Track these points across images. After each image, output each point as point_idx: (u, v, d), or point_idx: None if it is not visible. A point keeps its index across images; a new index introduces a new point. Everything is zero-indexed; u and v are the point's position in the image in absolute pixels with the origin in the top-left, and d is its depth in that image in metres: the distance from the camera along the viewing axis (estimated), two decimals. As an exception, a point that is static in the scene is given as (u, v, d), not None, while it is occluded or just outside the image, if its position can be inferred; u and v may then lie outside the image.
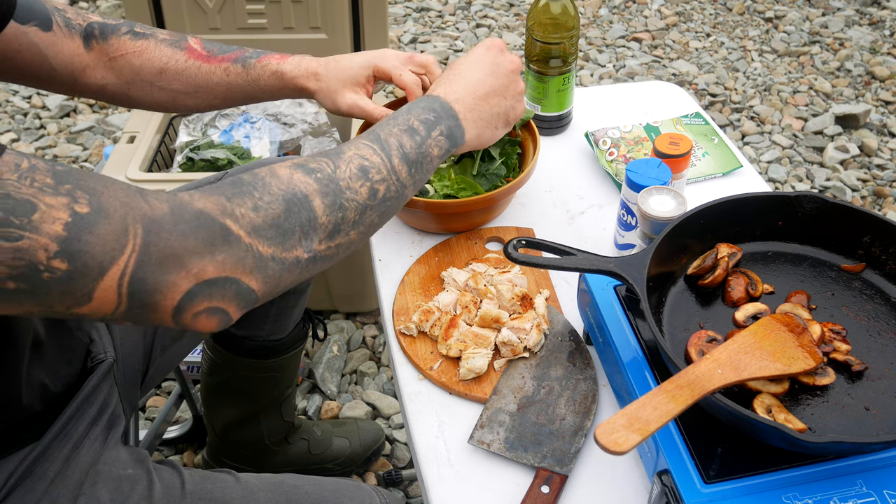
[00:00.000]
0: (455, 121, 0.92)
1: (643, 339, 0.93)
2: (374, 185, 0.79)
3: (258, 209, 0.70)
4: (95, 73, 1.08)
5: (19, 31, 0.98)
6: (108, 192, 0.64)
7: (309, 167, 0.75)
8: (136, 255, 0.63)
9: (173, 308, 0.66)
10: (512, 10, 3.54)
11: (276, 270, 0.71)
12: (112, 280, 0.62)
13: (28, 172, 0.60)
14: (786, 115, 2.89)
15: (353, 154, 0.79)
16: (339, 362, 2.00)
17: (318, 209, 0.73)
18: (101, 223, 0.62)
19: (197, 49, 1.10)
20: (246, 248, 0.68)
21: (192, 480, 0.97)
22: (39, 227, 0.59)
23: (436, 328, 1.07)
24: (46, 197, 0.60)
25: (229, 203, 0.69)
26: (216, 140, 2.01)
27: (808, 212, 0.99)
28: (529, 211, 1.31)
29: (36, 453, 0.90)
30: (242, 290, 0.69)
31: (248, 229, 0.69)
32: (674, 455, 0.80)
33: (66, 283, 0.61)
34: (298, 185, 0.73)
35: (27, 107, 2.93)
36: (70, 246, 0.60)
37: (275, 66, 1.09)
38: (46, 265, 0.60)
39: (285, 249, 0.71)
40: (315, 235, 0.73)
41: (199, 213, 0.67)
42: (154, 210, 0.65)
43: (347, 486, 1.00)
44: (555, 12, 1.33)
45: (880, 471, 0.79)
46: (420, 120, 0.88)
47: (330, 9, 2.13)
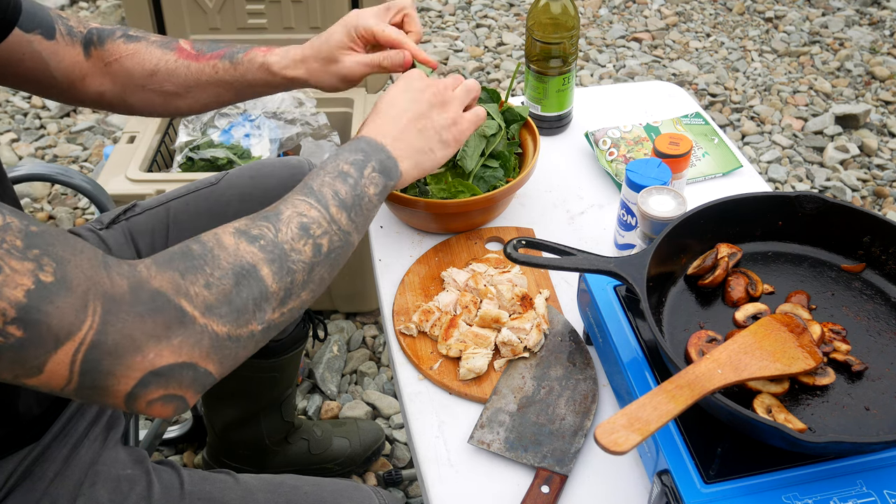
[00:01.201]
0: (384, 153, 0.90)
1: (643, 339, 0.93)
2: (317, 241, 0.78)
3: (210, 286, 0.69)
4: (93, 80, 1.08)
5: (23, 39, 0.98)
6: (74, 261, 0.63)
7: (252, 234, 0.74)
8: (94, 332, 0.62)
9: (126, 394, 0.64)
10: (512, 10, 3.54)
11: (231, 349, 0.70)
12: (66, 355, 0.61)
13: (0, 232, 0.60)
14: (786, 115, 2.89)
15: (291, 213, 0.78)
16: (339, 362, 2.00)
17: (267, 278, 0.72)
18: (63, 295, 0.61)
19: (186, 49, 1.09)
20: (201, 329, 0.67)
21: (192, 481, 0.97)
22: (1, 291, 0.58)
23: (436, 328, 1.07)
24: (13, 260, 0.59)
25: (183, 281, 0.68)
26: (216, 140, 2.01)
27: (808, 212, 0.99)
28: (529, 211, 1.31)
29: (35, 454, 0.90)
30: (199, 374, 0.67)
31: (203, 309, 0.67)
32: (674, 455, 0.80)
33: (19, 351, 0.60)
34: (245, 256, 0.72)
35: (27, 107, 2.93)
36: (28, 314, 0.59)
37: (261, 58, 1.08)
38: (1, 329, 0.59)
39: (239, 326, 0.70)
40: (268, 305, 0.72)
41: (156, 293, 0.66)
42: (115, 287, 0.64)
43: (347, 487, 1.00)
44: (555, 12, 1.33)
45: (880, 471, 0.79)
46: (349, 163, 0.86)
47: (330, 9, 2.13)
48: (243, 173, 1.27)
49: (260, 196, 1.24)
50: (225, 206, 1.23)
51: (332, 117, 2.13)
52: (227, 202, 1.23)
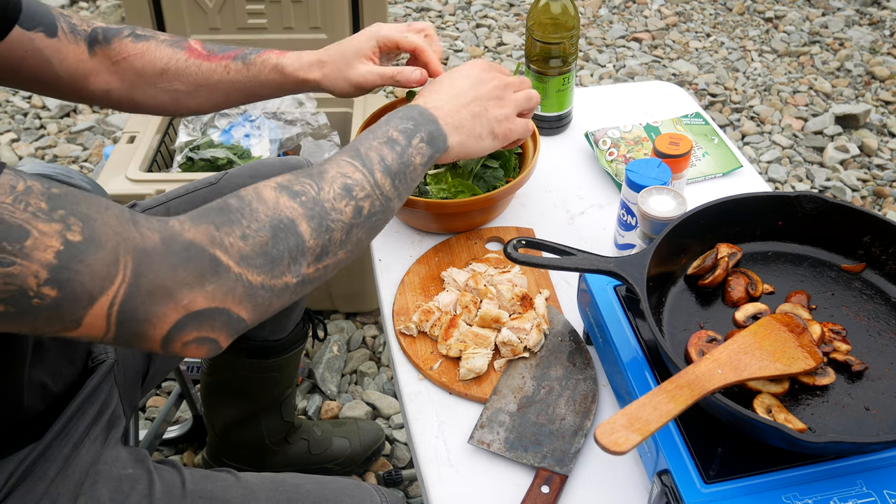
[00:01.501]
0: (435, 125, 0.91)
1: (643, 339, 0.93)
2: (358, 203, 0.78)
3: (246, 238, 0.70)
4: (99, 78, 1.07)
5: (24, 38, 0.98)
6: (101, 219, 0.64)
7: (293, 190, 0.75)
8: (126, 286, 0.63)
9: (162, 338, 0.66)
10: (512, 10, 3.54)
11: (265, 298, 0.71)
12: (101, 309, 0.63)
13: (23, 196, 0.60)
14: (786, 115, 2.89)
15: (335, 173, 0.79)
16: (339, 362, 2.00)
17: (305, 233, 0.73)
18: (93, 253, 0.62)
19: (197, 48, 1.10)
20: (236, 277, 0.68)
21: (193, 479, 0.97)
22: (31, 254, 0.59)
23: (436, 328, 1.07)
24: (39, 223, 0.60)
25: (218, 232, 0.69)
26: (216, 140, 2.01)
27: (808, 212, 0.99)
28: (529, 211, 1.31)
29: (36, 453, 0.90)
30: (232, 319, 0.69)
31: (238, 259, 0.68)
32: (674, 455, 0.80)
33: (55, 310, 0.61)
34: (284, 211, 0.73)
35: (27, 107, 2.93)
36: (60, 274, 0.60)
37: (274, 60, 1.09)
38: (36, 291, 0.60)
39: (274, 276, 0.71)
40: (303, 260, 0.73)
41: (190, 244, 0.67)
42: (145, 241, 0.65)
43: (348, 485, 1.00)
44: (555, 12, 1.33)
45: (880, 471, 0.79)
46: (399, 130, 0.87)
47: (330, 9, 2.13)
48: (243, 173, 1.27)
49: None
50: (226, 205, 1.23)
51: (332, 117, 2.13)
52: (227, 202, 1.23)
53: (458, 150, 0.95)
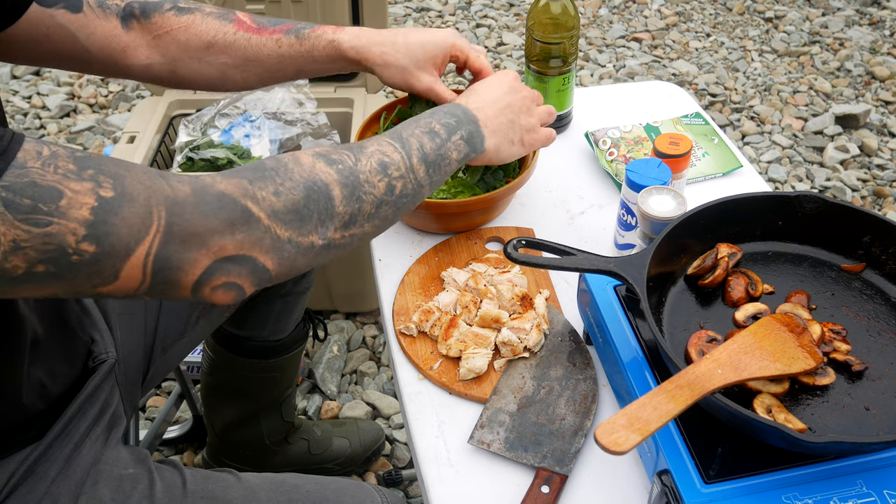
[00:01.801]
0: (476, 126, 0.95)
1: (643, 339, 0.93)
2: (391, 182, 0.81)
3: (279, 194, 0.72)
4: (138, 53, 1.06)
5: (45, 14, 0.97)
6: (130, 175, 0.65)
7: (331, 157, 0.78)
8: (161, 235, 0.65)
9: (193, 283, 0.68)
10: (512, 10, 3.54)
11: (291, 253, 0.73)
12: (138, 259, 0.65)
13: (50, 160, 0.62)
14: (786, 115, 2.89)
15: (374, 149, 0.82)
16: (339, 362, 2.00)
17: (336, 198, 0.76)
18: (126, 206, 0.64)
19: (246, 21, 1.08)
20: (265, 229, 0.71)
21: (194, 479, 0.97)
22: (67, 213, 0.61)
23: (436, 328, 1.07)
24: (72, 183, 0.62)
25: (251, 186, 0.71)
26: (216, 140, 2.01)
27: (808, 212, 0.99)
28: (529, 211, 1.31)
29: (37, 453, 0.90)
30: (258, 268, 0.71)
31: (268, 212, 0.71)
32: (674, 455, 0.80)
33: (94, 265, 0.63)
34: (320, 174, 0.76)
35: (27, 107, 2.93)
36: (97, 229, 0.62)
37: (330, 35, 1.07)
38: (75, 248, 0.62)
39: (302, 234, 0.74)
40: (331, 223, 0.76)
41: (221, 194, 0.69)
42: (176, 192, 0.67)
43: (349, 485, 1.00)
44: (555, 12, 1.33)
45: (880, 471, 0.79)
46: (441, 123, 0.91)
47: (330, 9, 2.13)
48: (243, 173, 1.27)
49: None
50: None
51: (332, 117, 2.13)
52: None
53: (493, 153, 0.99)
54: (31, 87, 3.02)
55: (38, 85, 3.02)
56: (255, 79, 1.11)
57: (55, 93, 2.98)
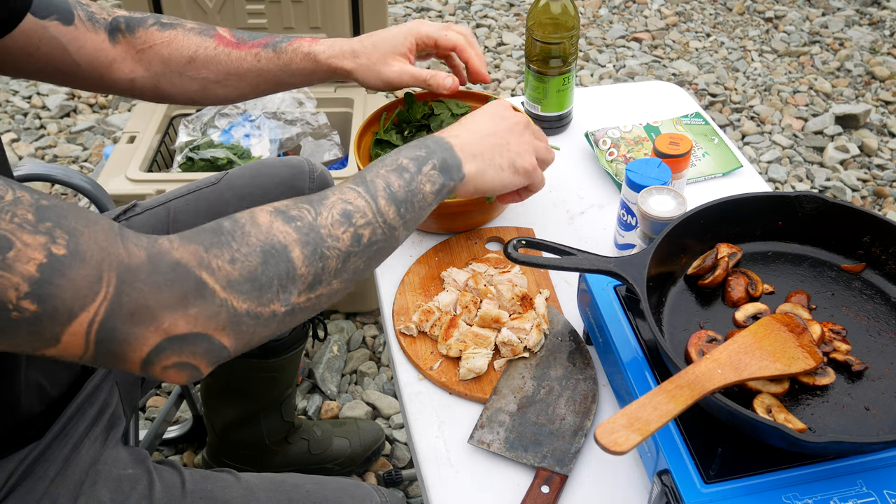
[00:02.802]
0: (450, 152, 0.88)
1: (643, 339, 0.93)
2: (357, 231, 0.75)
3: (235, 261, 0.67)
4: (123, 67, 1.06)
5: (38, 26, 0.97)
6: (88, 233, 0.62)
7: (290, 215, 0.72)
8: (108, 303, 0.61)
9: (141, 360, 0.64)
10: (512, 10, 3.54)
11: (250, 326, 0.68)
12: (80, 326, 0.61)
13: (10, 206, 0.59)
14: (786, 115, 2.89)
15: (336, 199, 0.76)
16: (339, 362, 2.00)
17: (296, 260, 0.70)
18: (76, 267, 0.60)
19: (226, 36, 1.08)
20: (220, 302, 0.66)
21: (193, 480, 0.97)
22: (13, 266, 0.58)
23: (436, 328, 1.07)
24: (24, 235, 0.58)
25: (207, 254, 0.66)
26: (216, 140, 2.01)
27: (808, 212, 0.99)
28: (529, 211, 1.31)
29: (36, 453, 0.90)
30: (214, 346, 0.66)
31: (224, 283, 0.66)
32: (674, 455, 0.80)
33: (34, 325, 0.60)
34: (277, 235, 0.70)
35: (27, 107, 2.93)
36: (41, 288, 0.59)
37: (306, 48, 1.08)
38: (15, 304, 0.58)
39: (261, 304, 0.68)
40: (293, 288, 0.70)
41: (176, 264, 0.65)
42: (131, 257, 0.63)
43: (348, 485, 1.00)
44: (555, 12, 1.33)
45: (880, 471, 0.79)
46: (409, 157, 0.84)
47: (330, 9, 2.13)
48: (244, 173, 1.27)
49: (260, 196, 1.24)
50: (225, 205, 1.23)
51: (332, 117, 2.13)
52: (227, 202, 1.23)
53: (477, 179, 0.91)
54: (31, 87, 3.02)
55: (38, 85, 3.02)
56: (236, 93, 1.11)
57: (55, 93, 2.98)
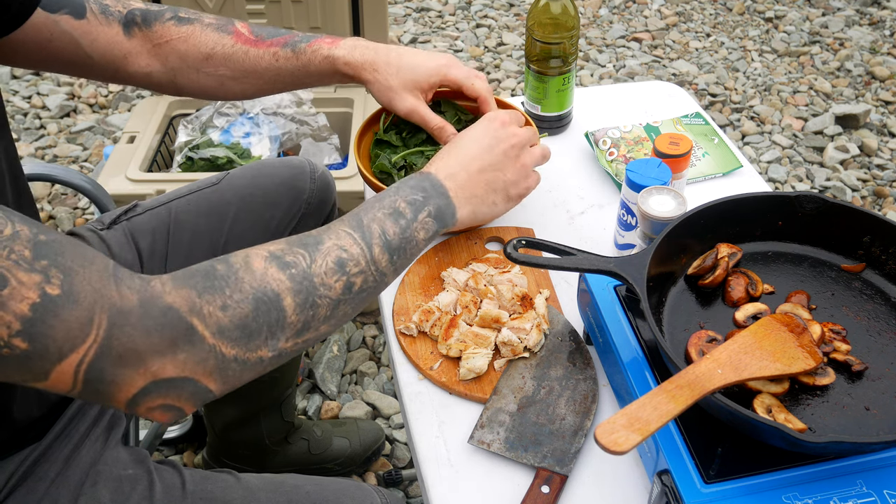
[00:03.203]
0: (445, 199, 0.89)
1: (643, 339, 0.93)
2: (350, 279, 0.76)
3: (227, 308, 0.68)
4: (139, 60, 1.06)
5: (49, 20, 0.97)
6: (83, 273, 0.62)
7: (285, 261, 0.72)
8: (97, 346, 0.62)
9: (127, 401, 0.65)
10: (512, 10, 3.54)
11: (236, 370, 0.69)
12: (70, 366, 0.62)
13: (8, 241, 0.59)
14: (786, 115, 2.89)
15: (331, 245, 0.76)
16: (339, 362, 2.00)
17: (288, 308, 0.71)
18: (69, 308, 0.61)
19: (244, 33, 1.08)
20: (209, 349, 0.66)
21: (193, 480, 0.97)
22: (6, 304, 0.58)
23: (436, 328, 1.07)
24: (20, 272, 0.59)
25: (199, 300, 0.67)
26: (216, 139, 2.01)
27: (808, 212, 0.99)
28: (529, 211, 1.31)
29: (37, 454, 0.90)
30: (199, 389, 0.67)
31: (214, 330, 0.67)
32: (674, 455, 0.80)
33: (24, 362, 0.60)
34: (271, 283, 0.70)
35: (27, 107, 2.93)
36: (33, 327, 0.59)
37: (326, 50, 1.07)
38: (6, 342, 0.59)
39: (249, 350, 0.69)
40: (282, 334, 0.71)
41: (168, 308, 0.65)
42: (123, 301, 0.64)
43: (349, 486, 1.00)
44: (555, 12, 1.33)
45: (880, 471, 0.79)
46: (407, 201, 0.84)
47: (330, 9, 2.13)
48: (245, 173, 1.27)
49: (261, 196, 1.24)
50: (226, 205, 1.23)
51: (331, 117, 2.13)
52: (228, 202, 1.23)
53: (468, 219, 0.93)
54: (31, 87, 3.02)
55: (38, 85, 3.02)
56: (253, 90, 1.11)
57: (55, 93, 2.98)
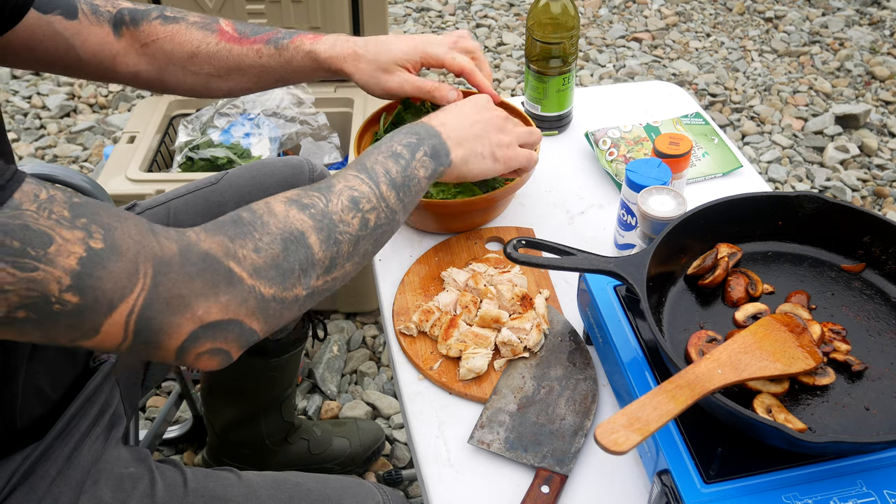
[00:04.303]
0: (438, 139, 0.93)
1: (643, 339, 0.93)
2: (364, 215, 0.80)
3: (259, 250, 0.71)
4: (127, 59, 1.07)
5: (42, 21, 0.97)
6: (122, 228, 0.64)
7: (303, 203, 0.77)
8: (146, 294, 0.64)
9: (177, 348, 0.67)
10: (512, 10, 3.54)
11: (276, 310, 0.72)
12: (120, 316, 0.63)
13: (46, 204, 0.61)
14: (786, 115, 2.89)
15: (343, 186, 0.80)
16: (339, 362, 2.00)
17: (314, 245, 0.75)
18: (114, 260, 0.63)
19: (228, 31, 1.09)
20: (249, 289, 0.69)
21: (195, 478, 0.97)
22: (55, 260, 0.60)
23: (436, 328, 1.07)
24: (63, 230, 0.61)
25: (232, 244, 0.70)
26: (215, 139, 2.01)
27: (808, 212, 0.99)
28: (529, 211, 1.31)
29: (38, 453, 0.90)
30: (245, 331, 0.70)
31: (251, 271, 0.70)
32: (674, 455, 0.80)
33: (75, 317, 0.62)
34: (294, 223, 0.74)
35: (27, 107, 2.93)
36: (83, 280, 0.61)
37: (308, 46, 1.08)
38: (58, 297, 0.60)
39: (286, 289, 0.72)
40: (313, 272, 0.75)
41: (206, 254, 0.68)
42: (164, 250, 0.66)
43: (350, 484, 1.00)
44: (555, 12, 1.33)
45: (880, 471, 0.79)
46: (403, 144, 0.89)
47: (330, 8, 2.13)
48: (244, 173, 1.27)
49: (261, 196, 1.23)
50: (225, 205, 1.23)
51: (331, 117, 2.13)
52: (227, 202, 1.23)
53: (461, 166, 0.97)
54: (31, 87, 3.02)
55: (38, 85, 3.02)
56: (239, 87, 1.12)
57: (55, 93, 2.98)
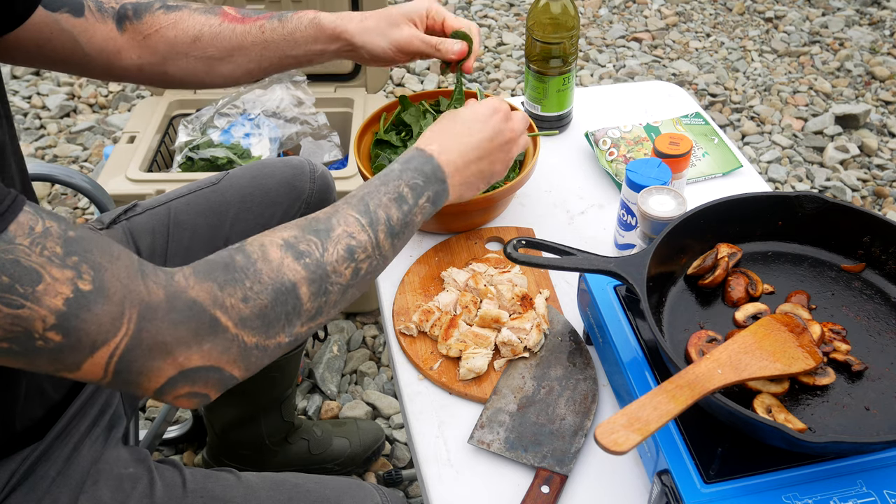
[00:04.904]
0: (442, 185, 0.93)
1: (643, 339, 0.93)
2: (358, 265, 0.80)
3: (248, 300, 0.71)
4: (131, 54, 1.07)
5: (49, 19, 0.97)
6: (111, 269, 0.65)
7: (299, 250, 0.76)
8: (128, 339, 0.64)
9: (156, 390, 0.68)
10: (512, 10, 3.54)
11: (257, 357, 0.73)
12: (101, 358, 0.64)
13: (40, 239, 0.61)
14: (786, 115, 2.89)
15: (341, 232, 0.79)
16: (339, 362, 2.00)
17: (304, 297, 0.74)
18: (101, 303, 0.63)
19: (231, 13, 1.09)
20: (232, 338, 0.70)
21: (194, 479, 0.97)
22: (41, 299, 0.60)
23: (436, 328, 1.07)
24: (53, 268, 0.61)
25: (221, 292, 0.70)
26: (216, 139, 2.01)
27: (808, 212, 0.99)
28: (529, 211, 1.31)
29: (38, 453, 0.90)
30: (225, 377, 0.71)
31: (236, 320, 0.70)
32: (674, 455, 0.80)
33: (57, 353, 0.63)
34: (287, 274, 0.74)
35: (27, 107, 2.93)
36: (67, 321, 0.61)
37: (312, 14, 1.09)
38: (41, 334, 0.61)
39: (269, 337, 0.73)
40: (298, 321, 0.75)
41: (192, 302, 0.68)
42: (151, 295, 0.66)
43: (349, 485, 1.00)
44: (555, 12, 1.33)
45: (880, 471, 0.79)
46: (410, 186, 0.88)
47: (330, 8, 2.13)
48: (244, 173, 1.27)
49: (261, 196, 1.24)
50: (226, 205, 1.23)
51: (332, 117, 2.13)
52: (228, 202, 1.23)
53: (455, 200, 0.97)
54: (31, 87, 3.02)
55: (38, 85, 3.02)
56: (241, 70, 1.11)
57: (55, 93, 2.98)
